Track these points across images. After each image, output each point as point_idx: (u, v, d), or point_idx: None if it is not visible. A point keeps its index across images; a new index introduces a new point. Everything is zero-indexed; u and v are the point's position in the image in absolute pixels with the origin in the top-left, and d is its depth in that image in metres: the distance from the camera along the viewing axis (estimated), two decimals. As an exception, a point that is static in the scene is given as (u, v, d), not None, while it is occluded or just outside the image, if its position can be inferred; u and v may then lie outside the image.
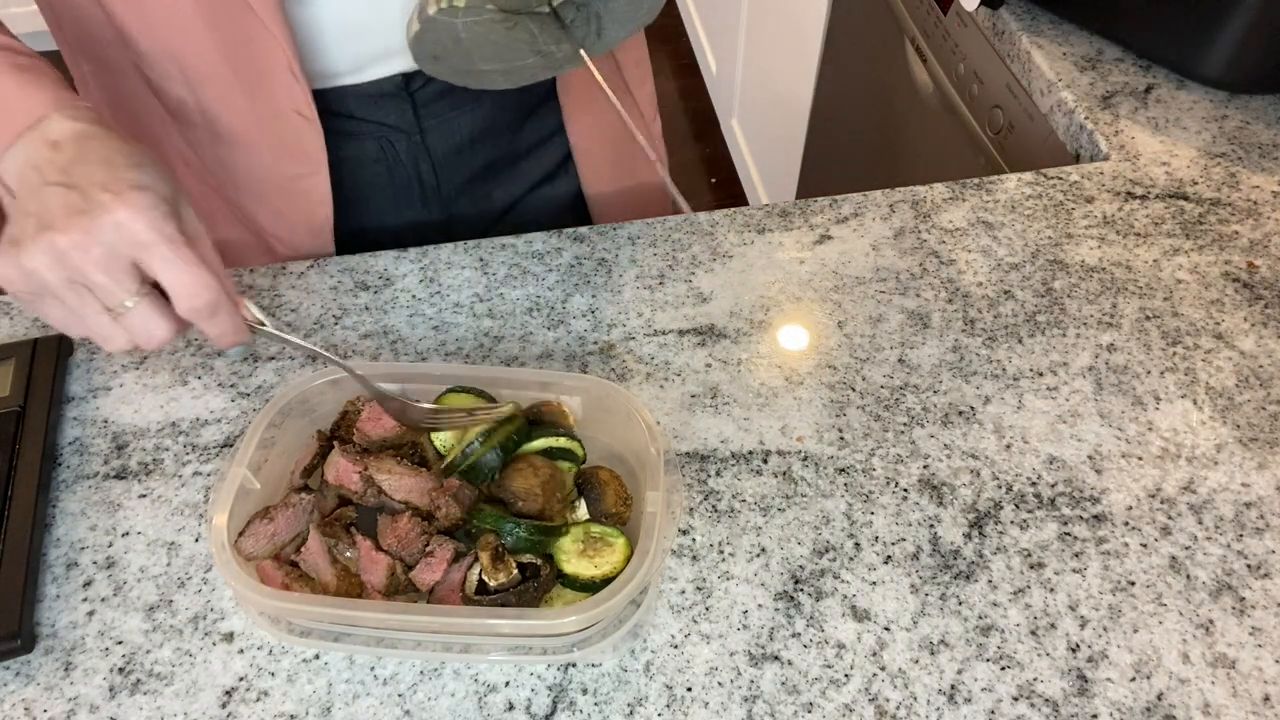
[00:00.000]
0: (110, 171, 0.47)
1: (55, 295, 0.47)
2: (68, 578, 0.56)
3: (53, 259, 0.45)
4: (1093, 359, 0.68)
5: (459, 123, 0.77)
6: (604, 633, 0.52)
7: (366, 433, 0.58)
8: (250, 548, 0.53)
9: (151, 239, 0.46)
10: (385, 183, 0.78)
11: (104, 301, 0.47)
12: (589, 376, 0.60)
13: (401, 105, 0.73)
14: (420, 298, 0.71)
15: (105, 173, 0.46)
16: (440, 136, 0.77)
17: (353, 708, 0.51)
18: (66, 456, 0.62)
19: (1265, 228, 0.77)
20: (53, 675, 0.53)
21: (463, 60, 0.59)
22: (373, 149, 0.75)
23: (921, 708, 0.51)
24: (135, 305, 0.47)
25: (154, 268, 0.46)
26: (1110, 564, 0.57)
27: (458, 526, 0.55)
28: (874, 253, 0.75)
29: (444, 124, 0.76)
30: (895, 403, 0.65)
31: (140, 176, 0.47)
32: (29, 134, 0.49)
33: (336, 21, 0.65)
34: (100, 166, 0.47)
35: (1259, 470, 0.62)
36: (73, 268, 0.45)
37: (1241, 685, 0.52)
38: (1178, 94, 0.90)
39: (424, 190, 0.80)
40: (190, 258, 0.47)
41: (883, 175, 1.39)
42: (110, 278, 0.46)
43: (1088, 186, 0.81)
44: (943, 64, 1.14)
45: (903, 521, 0.59)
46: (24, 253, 0.45)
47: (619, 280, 0.73)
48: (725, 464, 0.62)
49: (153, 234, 0.46)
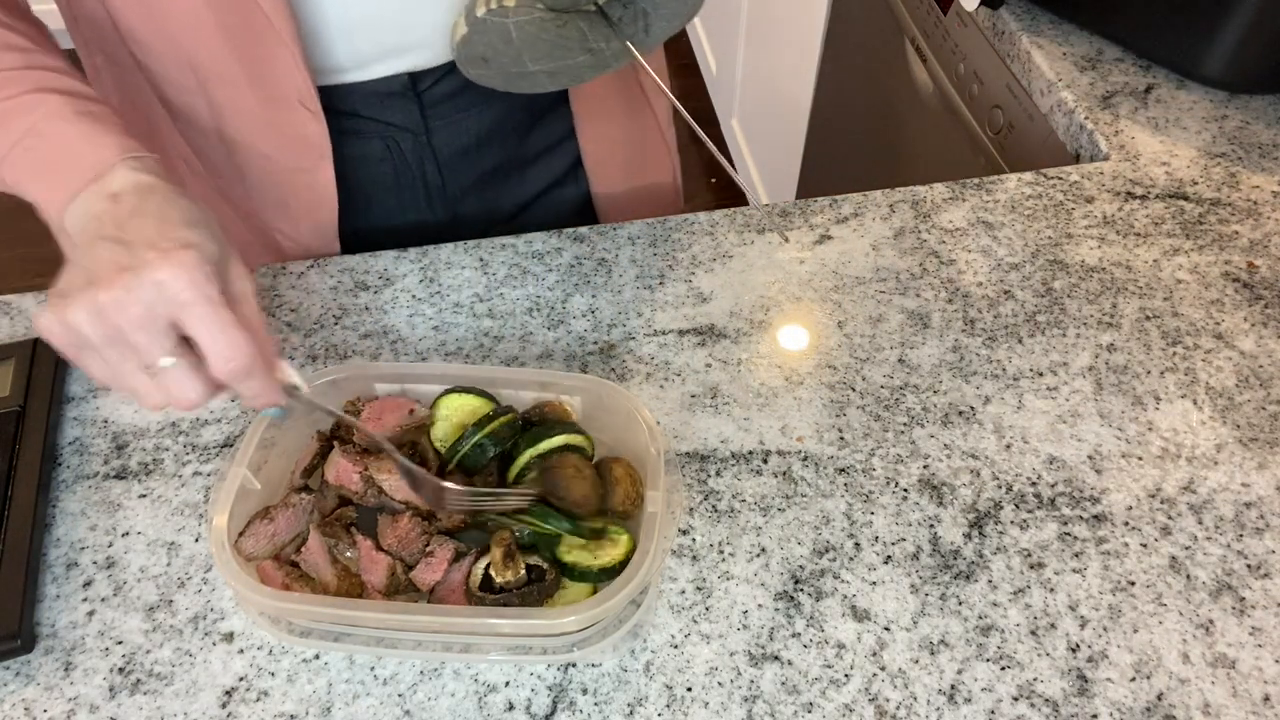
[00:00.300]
0: (161, 229, 0.47)
1: (95, 350, 0.47)
2: (68, 578, 0.56)
3: (93, 315, 0.45)
4: (1093, 359, 0.68)
5: (466, 124, 0.76)
6: (604, 632, 0.52)
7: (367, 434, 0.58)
8: (250, 548, 0.53)
9: (190, 299, 0.46)
10: (391, 182, 0.78)
11: (142, 359, 0.47)
12: (589, 376, 0.60)
13: (408, 105, 0.73)
14: (420, 298, 0.71)
15: (156, 230, 0.47)
16: (447, 138, 0.76)
17: (353, 708, 0.51)
18: (66, 456, 0.62)
19: (1265, 228, 0.77)
20: (53, 675, 0.53)
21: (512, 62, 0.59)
22: (378, 148, 0.75)
23: (921, 708, 0.51)
24: (172, 365, 0.47)
25: (191, 328, 0.46)
26: (1110, 564, 0.57)
27: (459, 528, 0.55)
28: (874, 253, 0.75)
29: (451, 125, 0.76)
30: (895, 403, 0.65)
31: (190, 235, 0.47)
32: (93, 187, 0.50)
33: (339, 15, 0.65)
34: (153, 222, 0.48)
35: (1259, 470, 0.62)
36: (112, 325, 0.45)
37: (1241, 685, 0.52)
38: (1178, 94, 0.90)
39: (429, 191, 0.80)
40: (227, 319, 0.47)
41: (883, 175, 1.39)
42: (148, 336, 0.46)
43: (1088, 186, 0.81)
44: (943, 64, 1.14)
45: (903, 521, 0.59)
46: (68, 307, 0.46)
47: (619, 280, 0.73)
48: (725, 464, 0.62)
49: (192, 293, 0.46)
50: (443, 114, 0.75)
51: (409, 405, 0.58)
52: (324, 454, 0.57)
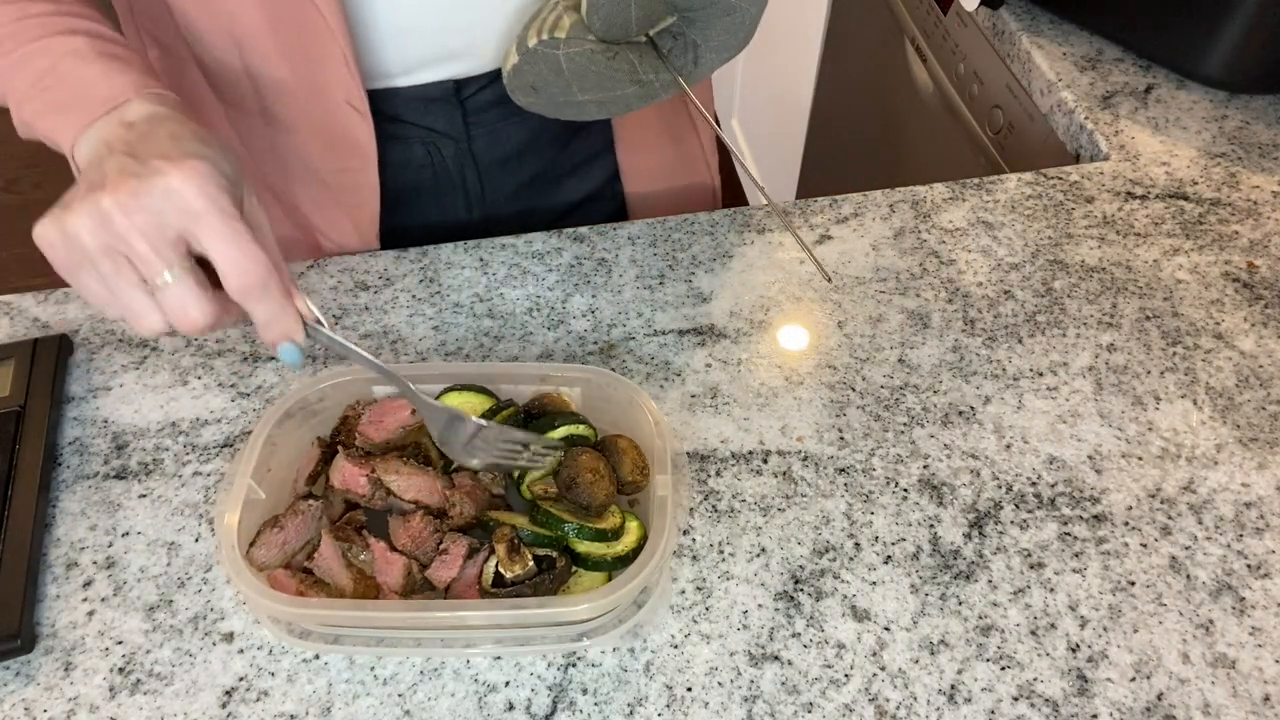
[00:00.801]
0: (174, 143, 0.45)
1: (92, 263, 0.44)
2: (68, 578, 0.56)
3: (95, 220, 0.43)
4: (1093, 359, 0.68)
5: (507, 133, 0.76)
6: (619, 619, 0.53)
7: (369, 436, 0.58)
8: (263, 558, 0.53)
9: (203, 207, 0.43)
10: (430, 187, 0.78)
11: (142, 272, 0.44)
12: (590, 367, 0.60)
13: (451, 111, 0.73)
14: (420, 298, 0.71)
15: (170, 145, 0.45)
16: (488, 145, 0.76)
17: (353, 708, 0.51)
18: (66, 456, 0.62)
19: (1265, 228, 0.77)
20: (53, 675, 0.53)
21: (561, 91, 0.59)
22: (420, 153, 0.75)
23: (921, 708, 0.51)
24: (174, 280, 0.44)
25: (203, 239, 0.44)
26: (1110, 564, 0.57)
27: (471, 524, 0.55)
28: (874, 253, 0.75)
29: (492, 133, 0.76)
30: (895, 403, 0.65)
31: (204, 149, 0.45)
32: (106, 116, 0.48)
33: (389, 19, 0.65)
34: (167, 141, 0.46)
35: (1259, 470, 0.62)
36: (113, 231, 0.43)
37: (1241, 685, 0.52)
38: (1178, 94, 0.90)
39: (469, 198, 0.80)
40: (243, 231, 0.44)
41: (883, 175, 1.39)
42: (151, 246, 0.43)
43: (1088, 186, 0.81)
44: (943, 64, 1.14)
45: (903, 521, 0.59)
46: (68, 213, 0.43)
47: (619, 280, 0.73)
48: (725, 464, 0.62)
49: (204, 202, 0.43)
50: (485, 122, 0.75)
51: (409, 406, 0.58)
52: (326, 460, 0.57)
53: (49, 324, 0.70)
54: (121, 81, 0.50)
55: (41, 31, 0.52)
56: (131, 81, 0.50)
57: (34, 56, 0.51)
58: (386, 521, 0.55)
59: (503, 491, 0.58)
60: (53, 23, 0.52)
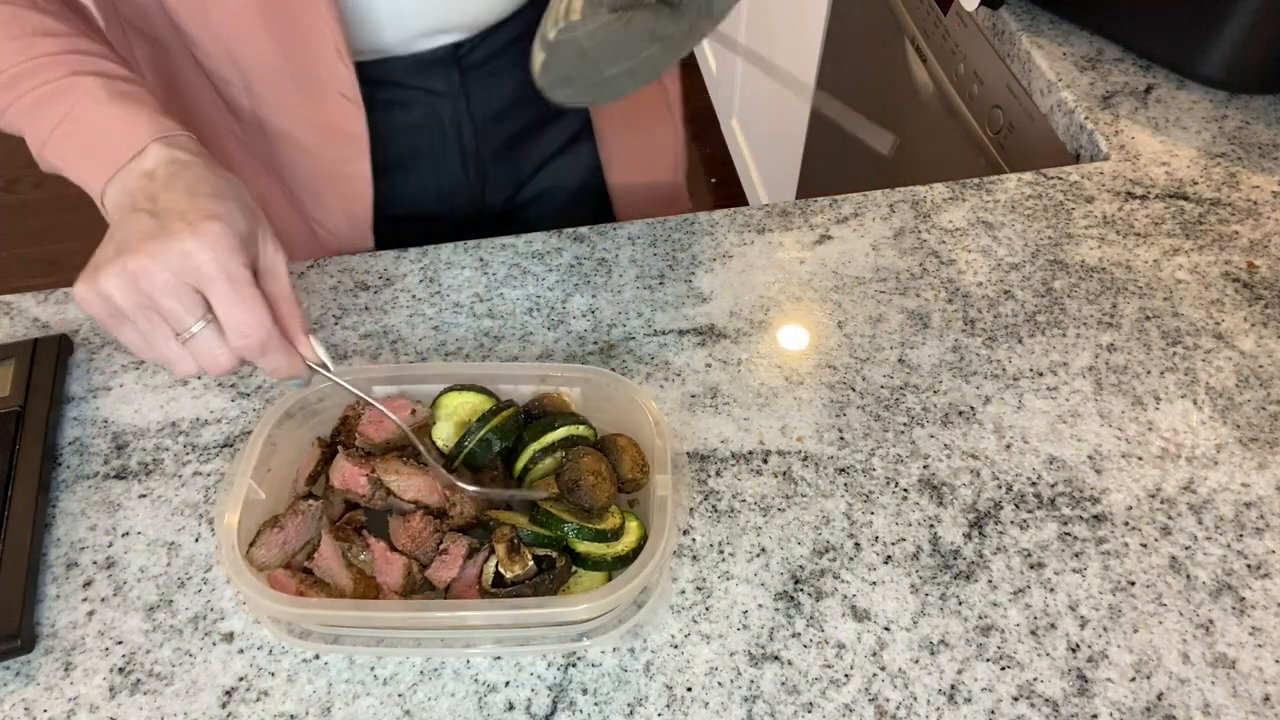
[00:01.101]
0: (191, 201, 0.49)
1: (129, 319, 0.49)
2: (68, 578, 0.56)
3: (123, 281, 0.47)
4: (1093, 359, 0.68)
5: (500, 87, 0.77)
6: (619, 619, 0.53)
7: (369, 436, 0.57)
8: (263, 558, 0.53)
9: (212, 273, 0.48)
10: (428, 149, 0.79)
11: (172, 326, 0.49)
12: (590, 367, 0.60)
13: (449, 72, 0.74)
14: (420, 298, 0.71)
15: (186, 202, 0.49)
16: (484, 101, 0.77)
17: (353, 708, 0.51)
18: (66, 456, 0.62)
19: (1265, 228, 0.77)
20: (53, 675, 0.53)
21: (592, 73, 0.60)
22: (418, 115, 0.76)
23: (921, 708, 0.51)
24: (200, 330, 0.49)
25: (211, 301, 0.48)
26: (1110, 564, 0.57)
27: (471, 524, 0.55)
28: (874, 253, 0.75)
29: (487, 89, 0.77)
30: (895, 403, 0.65)
31: (218, 207, 0.49)
32: (129, 166, 0.52)
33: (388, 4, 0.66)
34: (184, 195, 0.49)
35: (1259, 470, 0.62)
36: (141, 291, 0.47)
37: (1241, 685, 0.52)
38: (1178, 94, 0.90)
39: (464, 155, 0.81)
40: (246, 295, 0.48)
41: (883, 175, 1.39)
42: (177, 302, 0.48)
43: (1088, 186, 0.81)
44: (943, 64, 1.14)
45: (903, 521, 0.59)
46: (100, 275, 0.48)
47: (619, 280, 0.73)
48: (725, 464, 0.62)
49: (214, 268, 0.48)
50: (480, 78, 0.76)
51: (409, 406, 0.58)
52: (327, 460, 0.57)
53: (49, 324, 0.70)
54: (139, 126, 0.53)
55: (54, 73, 0.54)
56: (148, 123, 0.53)
57: (50, 100, 0.53)
58: (386, 521, 0.55)
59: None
60: (63, 62, 0.54)
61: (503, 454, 0.58)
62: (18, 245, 2.18)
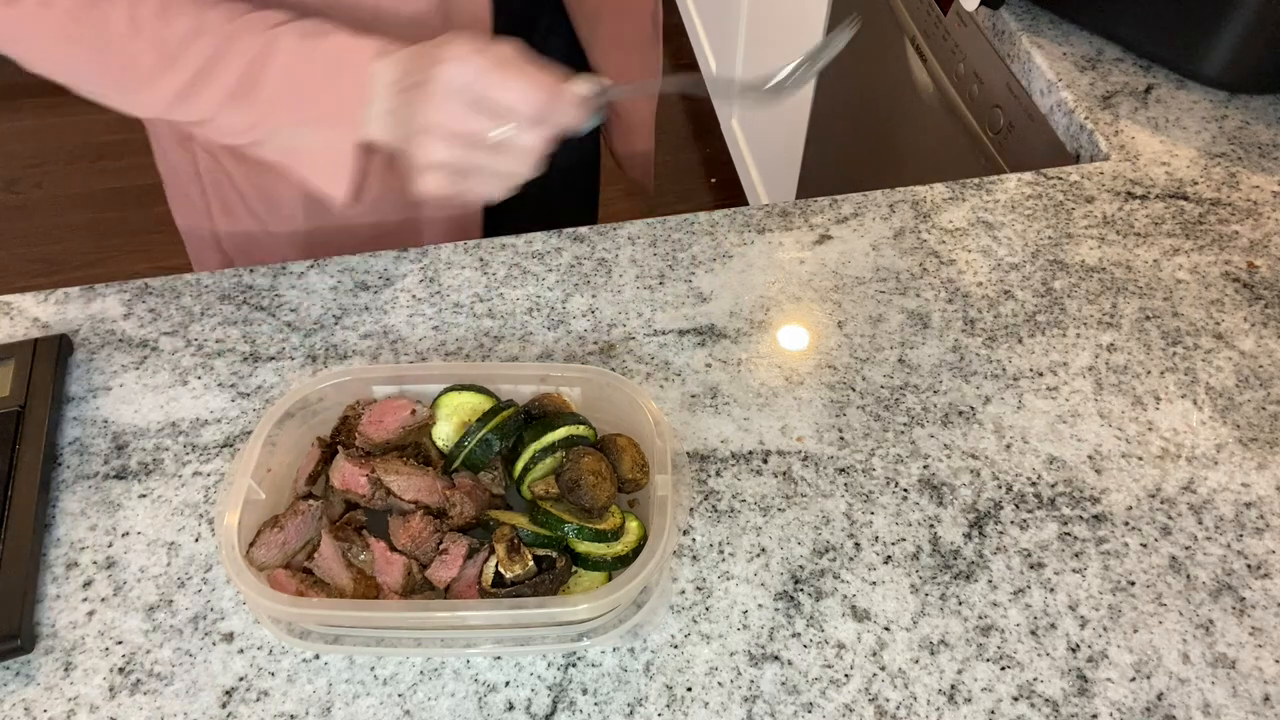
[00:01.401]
0: (427, 51, 0.57)
1: (462, 169, 0.56)
2: (68, 578, 0.56)
3: (435, 140, 0.55)
4: (1093, 359, 0.68)
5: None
6: (619, 619, 0.53)
7: (369, 436, 0.57)
8: (262, 558, 0.53)
9: (473, 73, 0.54)
10: None
11: (486, 142, 0.55)
12: (590, 367, 0.60)
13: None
14: (420, 298, 0.71)
15: (426, 56, 0.57)
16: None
17: (353, 708, 0.51)
18: (66, 456, 0.62)
19: (1265, 228, 0.77)
20: (53, 675, 0.53)
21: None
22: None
23: (921, 708, 0.51)
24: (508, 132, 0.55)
25: (490, 94, 0.55)
26: (1110, 564, 0.57)
27: (470, 524, 0.55)
28: (874, 253, 0.75)
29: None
30: (895, 403, 0.65)
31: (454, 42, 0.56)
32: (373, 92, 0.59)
33: None
34: (420, 57, 0.57)
35: (1259, 470, 0.62)
36: (449, 132, 0.55)
37: (1241, 685, 0.52)
38: (1178, 94, 0.90)
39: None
40: (509, 74, 0.55)
41: (883, 175, 1.39)
42: (473, 120, 0.55)
43: (1088, 186, 0.81)
44: (943, 64, 1.14)
45: (903, 521, 0.59)
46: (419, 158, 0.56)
47: (619, 280, 0.73)
48: (725, 464, 0.62)
49: (469, 68, 0.54)
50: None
51: (409, 406, 0.58)
52: (327, 460, 0.57)
53: (49, 324, 0.70)
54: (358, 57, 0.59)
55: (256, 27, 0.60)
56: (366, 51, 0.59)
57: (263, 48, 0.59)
58: (386, 521, 0.55)
59: (503, 491, 0.58)
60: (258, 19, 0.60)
61: (503, 454, 0.58)
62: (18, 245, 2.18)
